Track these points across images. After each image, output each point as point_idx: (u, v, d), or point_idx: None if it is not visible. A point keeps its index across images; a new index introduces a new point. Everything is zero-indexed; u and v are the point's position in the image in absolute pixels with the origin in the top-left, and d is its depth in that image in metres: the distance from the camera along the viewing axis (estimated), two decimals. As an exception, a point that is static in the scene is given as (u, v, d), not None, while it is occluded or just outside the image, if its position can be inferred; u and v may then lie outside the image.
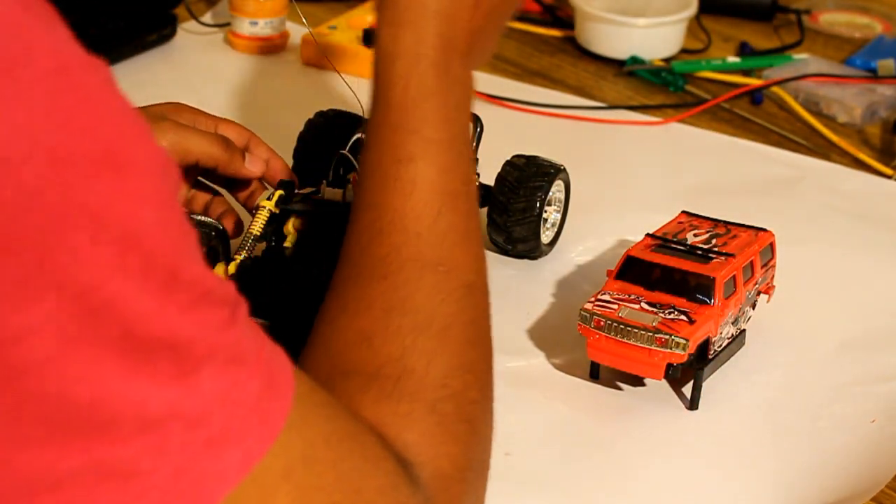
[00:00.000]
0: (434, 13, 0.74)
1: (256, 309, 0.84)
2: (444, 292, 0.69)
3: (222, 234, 0.88)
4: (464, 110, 0.75)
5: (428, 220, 0.70)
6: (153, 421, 0.50)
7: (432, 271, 0.69)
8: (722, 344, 0.87)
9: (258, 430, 0.54)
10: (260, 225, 0.88)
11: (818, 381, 0.88)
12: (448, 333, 0.68)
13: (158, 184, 0.51)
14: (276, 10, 1.35)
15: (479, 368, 0.69)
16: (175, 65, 1.32)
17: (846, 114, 1.26)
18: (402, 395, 0.65)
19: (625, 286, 0.86)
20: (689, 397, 0.85)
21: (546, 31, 1.44)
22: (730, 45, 1.43)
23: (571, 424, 0.83)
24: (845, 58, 1.37)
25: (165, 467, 0.51)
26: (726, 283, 0.85)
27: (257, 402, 0.54)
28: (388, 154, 0.72)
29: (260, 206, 0.89)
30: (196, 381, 0.51)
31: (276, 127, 1.10)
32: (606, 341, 0.83)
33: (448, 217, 0.71)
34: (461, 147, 0.74)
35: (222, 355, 0.52)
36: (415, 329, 0.67)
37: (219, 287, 0.53)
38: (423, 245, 0.70)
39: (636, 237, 0.90)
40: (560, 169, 0.99)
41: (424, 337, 0.67)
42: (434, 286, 0.69)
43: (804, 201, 1.12)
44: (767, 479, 0.79)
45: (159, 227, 0.50)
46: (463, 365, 0.68)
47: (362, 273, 0.70)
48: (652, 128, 1.24)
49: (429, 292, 0.69)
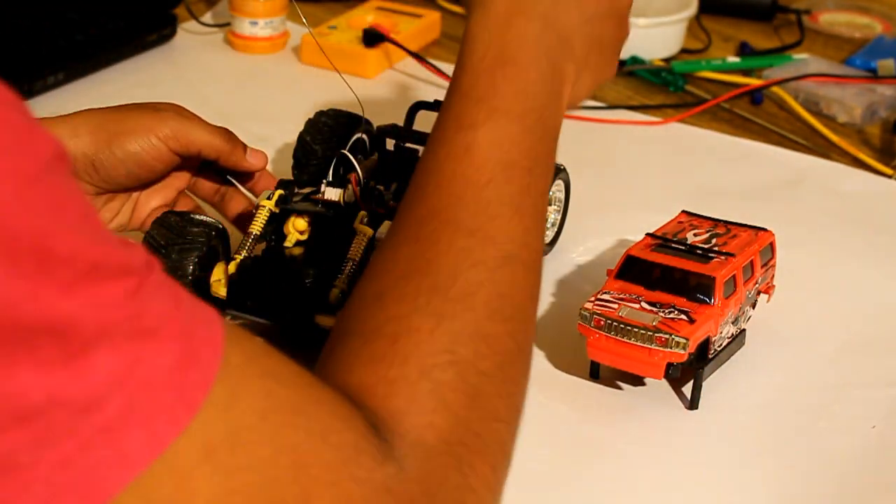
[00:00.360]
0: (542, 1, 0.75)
1: (256, 309, 0.85)
2: (475, 259, 0.66)
3: (222, 233, 0.88)
4: (550, 92, 0.74)
5: (474, 187, 0.68)
6: (32, 411, 0.47)
7: (467, 236, 0.67)
8: (722, 343, 0.87)
9: (170, 408, 0.50)
10: (260, 225, 0.88)
11: (818, 381, 0.88)
12: (471, 300, 0.65)
13: (20, 161, 0.47)
14: (276, 10, 1.35)
15: (501, 343, 0.66)
16: (175, 65, 1.32)
17: (846, 114, 1.26)
18: (395, 358, 0.62)
19: (625, 286, 0.86)
20: (689, 397, 0.85)
21: (546, 31, 1.44)
22: (730, 45, 1.43)
23: (571, 424, 0.83)
24: (845, 58, 1.38)
25: (48, 459, 0.47)
26: (726, 283, 0.85)
27: (169, 377, 0.50)
28: (452, 121, 0.71)
29: (260, 205, 0.89)
30: (85, 363, 0.48)
31: (277, 127, 1.10)
32: (606, 341, 0.83)
33: (499, 187, 0.68)
34: (533, 123, 0.71)
35: (121, 331, 0.49)
36: (432, 289, 0.65)
37: (116, 257, 0.50)
38: (462, 210, 0.68)
39: (636, 237, 0.90)
40: (560, 169, 0.99)
41: (441, 298, 0.64)
42: (465, 251, 0.66)
43: (804, 201, 1.12)
44: (767, 480, 0.79)
45: (21, 205, 0.46)
46: (480, 334, 0.65)
47: (398, 234, 0.69)
48: (652, 128, 1.24)
49: (458, 256, 0.66)
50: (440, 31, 1.42)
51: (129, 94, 1.24)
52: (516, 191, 0.69)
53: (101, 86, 1.25)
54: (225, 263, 0.87)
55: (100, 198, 0.91)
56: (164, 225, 0.87)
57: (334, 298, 0.84)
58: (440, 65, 1.31)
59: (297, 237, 0.89)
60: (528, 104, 0.72)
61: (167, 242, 0.86)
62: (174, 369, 0.50)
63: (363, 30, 1.33)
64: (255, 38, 1.35)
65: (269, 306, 0.85)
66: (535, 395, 0.85)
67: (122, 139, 0.88)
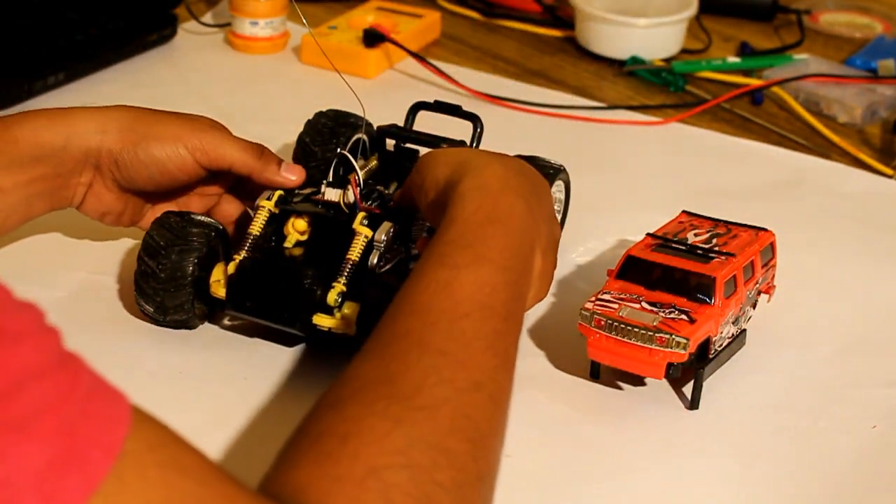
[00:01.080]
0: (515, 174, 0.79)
1: (255, 310, 0.85)
2: (442, 377, 0.64)
3: (222, 233, 0.88)
4: (525, 268, 0.75)
5: (450, 317, 0.68)
6: None
7: (437, 355, 0.65)
8: (722, 343, 0.87)
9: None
10: (260, 225, 0.88)
11: (818, 381, 0.88)
12: (433, 412, 0.62)
13: None
14: (276, 10, 1.35)
15: (461, 461, 0.61)
16: (175, 65, 1.32)
17: (846, 114, 1.26)
18: (343, 456, 0.58)
19: (625, 286, 0.86)
20: (690, 397, 0.85)
21: (546, 31, 1.44)
22: (730, 45, 1.43)
23: (571, 424, 0.83)
24: (845, 58, 1.38)
25: None
26: (727, 283, 0.85)
27: (36, 480, 0.45)
28: (436, 259, 0.72)
29: (259, 206, 0.89)
30: None
31: (277, 127, 1.10)
32: (607, 341, 0.83)
33: (475, 323, 0.68)
34: (513, 279, 0.73)
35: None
36: (391, 397, 0.62)
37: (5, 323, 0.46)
38: (435, 334, 0.67)
39: (636, 237, 0.90)
40: (560, 169, 0.99)
41: (400, 406, 0.62)
42: (433, 368, 0.65)
43: (804, 201, 1.12)
44: (767, 479, 0.79)
45: None
46: (440, 446, 0.61)
47: (367, 351, 0.67)
48: (652, 128, 1.24)
49: (424, 371, 0.64)
50: (440, 31, 1.42)
51: (130, 94, 1.24)
52: (491, 331, 0.69)
53: (101, 86, 1.25)
54: (224, 264, 0.87)
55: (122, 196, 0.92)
56: (164, 226, 0.87)
57: (332, 299, 0.84)
58: (440, 65, 1.31)
59: (297, 237, 0.89)
60: (511, 261, 0.73)
61: (167, 243, 0.86)
62: (44, 471, 0.45)
63: (363, 30, 1.33)
64: (255, 38, 1.35)
65: (268, 307, 0.85)
66: (535, 395, 0.86)
67: (149, 143, 0.88)
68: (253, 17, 1.34)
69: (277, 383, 0.85)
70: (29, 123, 0.88)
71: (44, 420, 0.46)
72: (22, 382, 0.46)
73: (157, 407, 0.82)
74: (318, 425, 0.62)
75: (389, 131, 0.97)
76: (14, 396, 0.45)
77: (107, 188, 0.90)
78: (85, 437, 0.48)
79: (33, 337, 0.48)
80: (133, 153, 0.88)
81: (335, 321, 0.84)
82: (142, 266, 0.87)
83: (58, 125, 0.88)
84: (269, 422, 0.81)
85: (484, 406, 0.65)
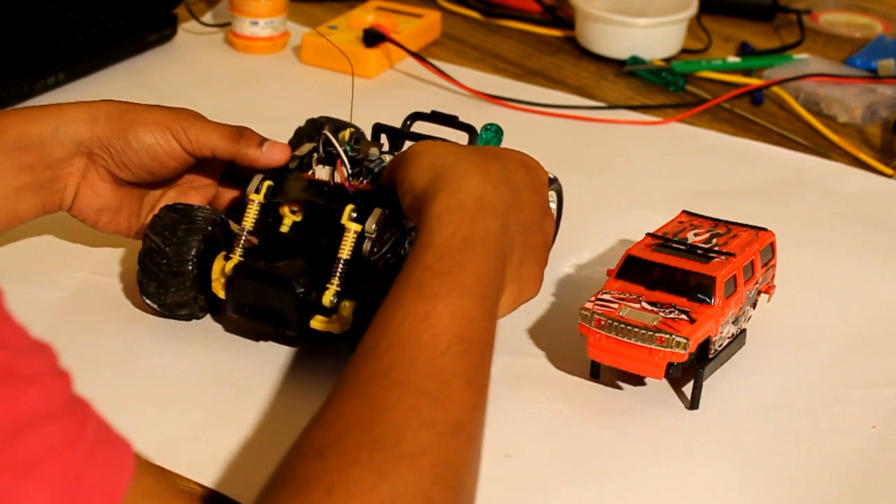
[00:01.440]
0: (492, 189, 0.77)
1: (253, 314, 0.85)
2: (424, 419, 0.64)
3: (222, 222, 0.89)
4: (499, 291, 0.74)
5: (430, 353, 0.67)
6: None
7: (417, 396, 0.65)
8: (722, 343, 0.87)
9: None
10: (251, 218, 0.88)
11: (819, 382, 0.88)
12: (417, 461, 0.62)
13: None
14: (276, 10, 1.35)
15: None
16: (175, 65, 1.32)
17: (846, 114, 1.26)
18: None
19: (625, 285, 0.86)
20: (690, 397, 0.85)
21: (546, 31, 1.44)
22: (730, 45, 1.43)
23: (571, 424, 0.83)
24: (845, 58, 1.37)
25: None
26: (727, 283, 0.85)
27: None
28: (412, 289, 0.71)
29: (249, 199, 0.89)
30: None
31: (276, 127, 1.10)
32: (607, 340, 0.83)
33: (454, 358, 0.68)
34: (489, 309, 0.72)
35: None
36: (375, 444, 0.62)
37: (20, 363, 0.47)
38: (415, 372, 0.66)
39: (636, 237, 0.90)
40: (552, 179, 0.97)
41: (385, 455, 0.62)
42: (414, 410, 0.64)
43: (804, 201, 1.12)
44: (767, 480, 0.79)
45: None
46: (424, 496, 0.61)
47: (344, 389, 0.67)
48: (652, 128, 1.24)
49: (406, 414, 0.64)
50: (440, 31, 1.42)
51: (130, 94, 1.24)
52: (469, 365, 0.68)
53: (101, 86, 1.25)
54: (224, 258, 0.87)
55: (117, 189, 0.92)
56: (162, 224, 0.87)
57: (328, 301, 0.84)
58: (440, 65, 1.31)
59: (293, 219, 0.88)
60: (487, 289, 0.72)
61: (173, 222, 0.87)
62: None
63: (363, 30, 1.33)
64: (255, 38, 1.35)
65: (265, 313, 0.85)
66: (535, 395, 0.86)
67: (137, 129, 0.89)
68: (253, 16, 1.34)
69: (277, 383, 0.85)
70: (17, 114, 0.89)
71: (49, 464, 0.47)
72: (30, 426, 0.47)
73: (158, 406, 0.83)
74: (301, 472, 0.62)
75: (385, 128, 0.96)
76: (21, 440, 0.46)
77: (101, 178, 0.90)
78: (89, 483, 0.48)
79: (45, 381, 0.49)
80: (124, 140, 0.88)
81: (333, 323, 0.84)
82: (142, 267, 0.87)
83: (46, 115, 0.89)
84: (270, 421, 0.81)
85: (464, 449, 0.66)
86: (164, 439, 0.80)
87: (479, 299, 0.71)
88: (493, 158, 0.81)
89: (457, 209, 0.75)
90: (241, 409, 0.82)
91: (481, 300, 0.72)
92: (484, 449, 0.80)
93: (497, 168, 0.80)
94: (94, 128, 0.89)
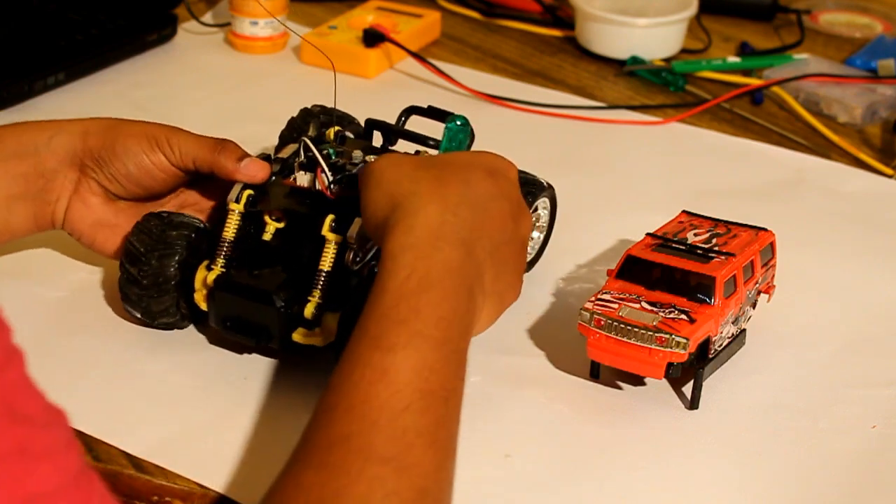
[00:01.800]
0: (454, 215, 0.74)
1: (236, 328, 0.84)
2: (388, 489, 0.63)
3: (204, 231, 0.88)
4: (467, 322, 0.72)
5: (390, 413, 0.65)
6: None
7: (380, 464, 0.64)
8: (722, 343, 0.87)
9: None
10: (233, 229, 0.87)
11: (819, 382, 0.88)
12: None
13: None
14: (277, 10, 1.35)
15: None
16: (175, 65, 1.32)
17: (846, 114, 1.26)
18: None
19: (625, 285, 0.86)
20: (690, 397, 0.85)
21: (546, 31, 1.44)
22: (730, 45, 1.43)
23: (571, 424, 0.83)
24: (845, 58, 1.37)
25: None
26: (727, 283, 0.85)
27: None
28: (369, 341, 0.68)
29: (229, 208, 0.88)
30: None
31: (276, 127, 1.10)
32: (607, 341, 0.83)
33: (416, 416, 0.66)
34: (453, 352, 0.70)
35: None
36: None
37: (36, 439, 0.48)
38: (377, 437, 0.64)
39: (636, 237, 0.90)
40: (546, 186, 0.96)
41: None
42: (378, 480, 0.63)
43: (804, 201, 1.12)
44: (767, 480, 0.79)
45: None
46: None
47: (304, 459, 0.65)
48: (652, 128, 1.24)
49: (370, 485, 0.63)
50: (440, 31, 1.42)
51: (129, 94, 1.24)
52: (432, 421, 0.67)
53: (101, 86, 1.25)
54: (206, 269, 0.86)
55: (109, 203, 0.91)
56: (144, 231, 0.87)
57: (310, 313, 0.83)
58: (440, 65, 1.31)
59: (276, 226, 0.87)
60: (449, 332, 0.70)
61: (146, 249, 0.86)
62: None
63: (363, 30, 1.33)
64: (255, 38, 1.35)
65: (246, 328, 0.85)
66: (535, 395, 0.86)
67: (126, 139, 0.89)
68: (253, 17, 1.34)
69: (277, 383, 0.85)
70: (14, 126, 0.90)
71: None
72: (38, 500, 0.48)
73: (158, 406, 0.83)
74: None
75: (377, 124, 0.96)
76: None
77: (92, 192, 0.90)
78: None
79: (57, 457, 0.50)
80: (112, 150, 0.89)
81: (316, 336, 0.83)
82: (124, 274, 0.87)
83: (43, 127, 0.90)
84: (270, 422, 0.81)
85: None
86: (164, 439, 0.80)
87: (440, 345, 0.69)
88: (453, 176, 0.78)
89: (412, 248, 0.73)
90: (241, 409, 0.82)
91: (442, 345, 0.69)
92: (484, 449, 0.80)
93: (457, 188, 0.77)
94: (86, 139, 0.89)
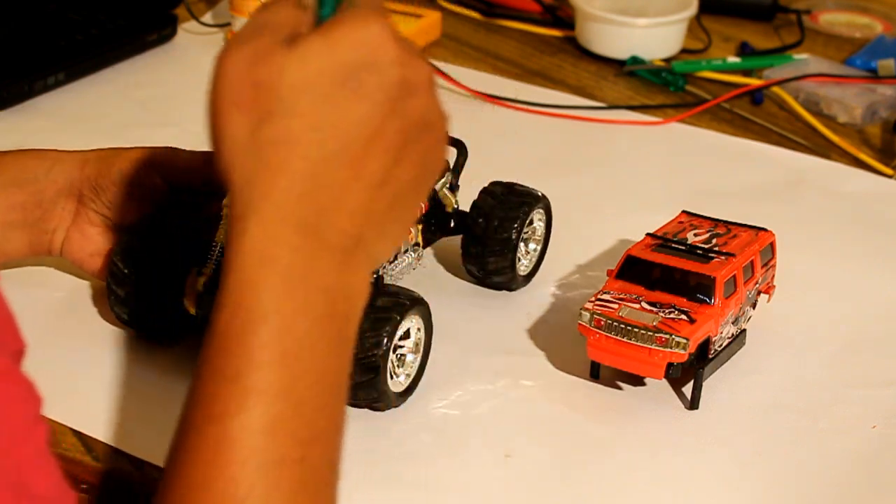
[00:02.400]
0: (297, 196, 0.57)
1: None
2: None
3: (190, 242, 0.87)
4: (328, 333, 0.59)
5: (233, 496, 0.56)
6: None
7: None
8: (722, 343, 0.87)
9: None
10: (224, 232, 0.87)
11: (819, 382, 0.88)
12: None
13: None
14: (276, 10, 1.35)
15: None
16: (175, 65, 1.32)
17: (846, 114, 1.26)
18: None
19: (625, 286, 0.86)
20: (690, 397, 0.85)
21: (546, 31, 1.44)
22: (730, 45, 1.43)
23: (571, 424, 0.83)
24: (845, 58, 1.37)
25: None
26: (727, 283, 0.85)
27: None
28: (201, 411, 0.58)
29: (224, 213, 0.87)
30: None
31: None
32: (607, 341, 0.83)
33: (264, 494, 0.56)
34: (312, 382, 0.58)
35: None
36: None
37: None
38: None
39: (636, 237, 0.90)
40: (540, 197, 0.95)
41: None
42: None
43: (804, 201, 1.12)
44: (767, 480, 0.79)
45: None
46: None
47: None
48: (652, 128, 1.24)
49: None
50: (440, 31, 1.42)
51: (130, 94, 1.24)
52: (287, 490, 0.56)
53: (101, 86, 1.25)
54: (196, 274, 0.85)
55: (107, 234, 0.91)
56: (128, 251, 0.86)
57: None
58: (440, 65, 1.31)
59: None
60: (300, 365, 0.58)
61: (130, 272, 0.86)
62: None
63: (363, 30, 1.33)
64: (255, 38, 1.35)
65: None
66: (535, 395, 0.86)
67: (122, 163, 0.88)
68: (253, 17, 1.34)
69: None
70: (16, 153, 0.90)
71: None
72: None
73: (158, 406, 0.83)
74: None
75: None
76: None
77: (90, 222, 0.90)
78: None
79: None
80: (108, 176, 0.88)
81: None
82: (112, 295, 0.87)
83: (44, 155, 0.90)
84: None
85: None
86: (164, 439, 0.79)
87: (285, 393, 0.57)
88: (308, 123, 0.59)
89: (236, 271, 0.59)
90: (241, 409, 0.82)
91: (288, 392, 0.57)
92: (484, 449, 0.80)
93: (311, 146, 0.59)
94: (84, 168, 0.89)
